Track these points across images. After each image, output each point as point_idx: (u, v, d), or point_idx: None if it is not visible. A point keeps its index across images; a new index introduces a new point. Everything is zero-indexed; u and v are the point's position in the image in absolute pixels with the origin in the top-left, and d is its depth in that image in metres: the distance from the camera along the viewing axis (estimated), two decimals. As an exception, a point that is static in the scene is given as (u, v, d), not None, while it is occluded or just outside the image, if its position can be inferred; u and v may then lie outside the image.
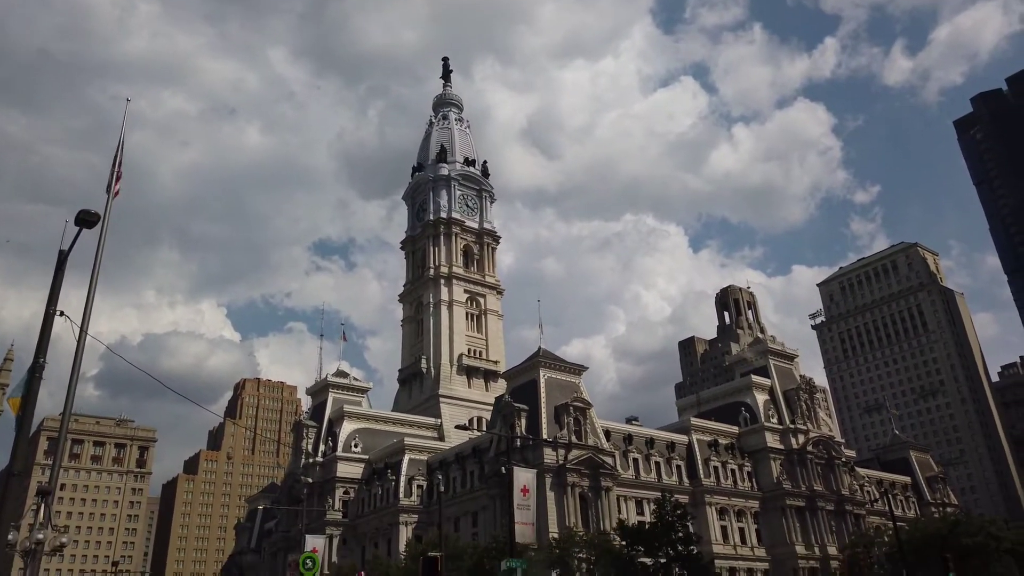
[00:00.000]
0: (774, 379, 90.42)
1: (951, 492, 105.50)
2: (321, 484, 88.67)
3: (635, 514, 69.94)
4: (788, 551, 78.86)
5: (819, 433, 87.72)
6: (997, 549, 50.36)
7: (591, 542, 53.79)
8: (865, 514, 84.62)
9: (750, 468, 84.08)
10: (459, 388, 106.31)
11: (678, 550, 50.37)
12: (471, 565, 48.72)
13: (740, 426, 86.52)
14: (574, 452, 70.84)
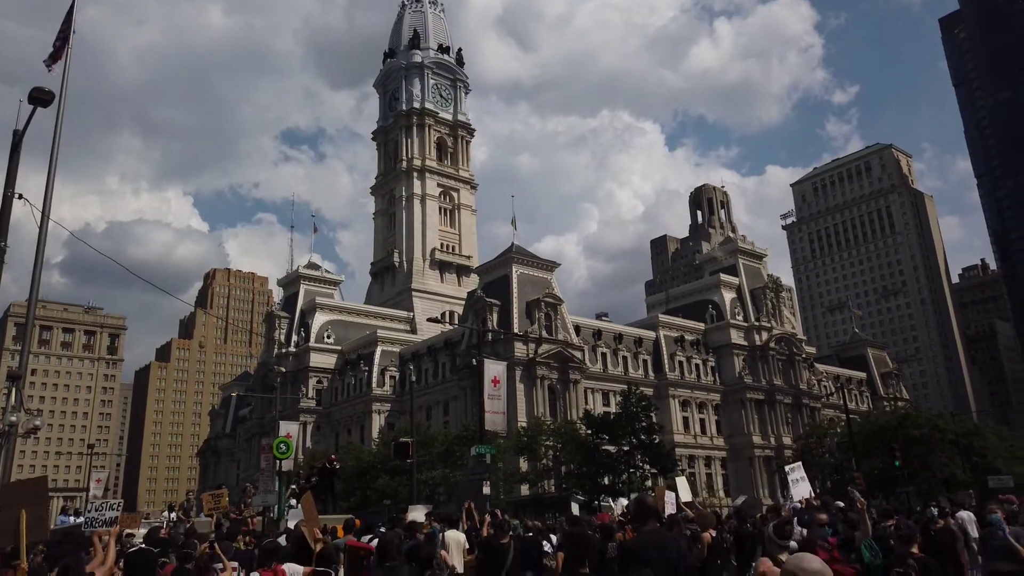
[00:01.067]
0: (742, 278, 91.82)
1: (903, 387, 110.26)
2: (294, 373, 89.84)
3: (601, 405, 72.22)
4: (745, 440, 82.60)
5: (782, 330, 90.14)
6: (942, 440, 53.05)
7: (558, 431, 55.61)
8: (821, 407, 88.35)
9: (714, 363, 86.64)
10: (431, 282, 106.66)
11: (641, 439, 52.30)
12: (442, 451, 50.27)
13: (706, 323, 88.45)
14: (544, 346, 72.19)
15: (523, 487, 54.78)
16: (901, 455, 45.18)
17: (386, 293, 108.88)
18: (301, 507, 11.72)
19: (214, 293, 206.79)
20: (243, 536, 13.38)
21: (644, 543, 5.96)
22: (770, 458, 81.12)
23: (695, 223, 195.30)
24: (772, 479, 77.96)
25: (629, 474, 50.90)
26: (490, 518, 13.18)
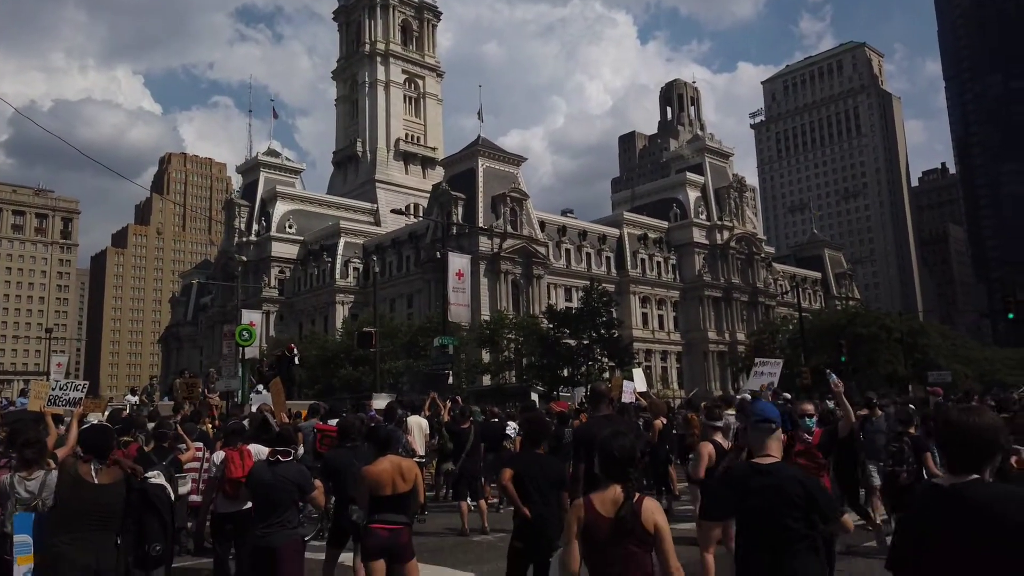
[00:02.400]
0: (707, 177, 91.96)
1: (856, 288, 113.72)
2: (256, 263, 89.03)
3: (564, 300, 73.37)
4: (701, 336, 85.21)
5: (743, 230, 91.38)
6: (887, 339, 55.29)
7: (521, 324, 56.59)
8: (775, 305, 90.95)
9: (675, 261, 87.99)
10: (396, 174, 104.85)
11: (600, 333, 53.56)
12: (405, 342, 50.97)
13: (670, 221, 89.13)
14: (509, 241, 72.32)
15: (485, 378, 56.17)
16: (848, 352, 47.11)
17: (349, 184, 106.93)
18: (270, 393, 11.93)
19: (170, 179, 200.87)
20: (208, 420, 13.61)
21: (594, 426, 6.23)
22: (723, 353, 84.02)
23: (664, 120, 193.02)
24: (724, 373, 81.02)
25: (588, 367, 52.39)
26: (450, 404, 13.59)
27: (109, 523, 4.68)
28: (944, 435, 2.76)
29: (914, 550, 2.66)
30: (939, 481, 2.69)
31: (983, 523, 2.41)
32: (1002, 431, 2.67)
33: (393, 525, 5.73)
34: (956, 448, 2.67)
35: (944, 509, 2.54)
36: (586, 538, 3.62)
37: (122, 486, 4.75)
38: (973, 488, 2.52)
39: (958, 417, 2.73)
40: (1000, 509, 2.39)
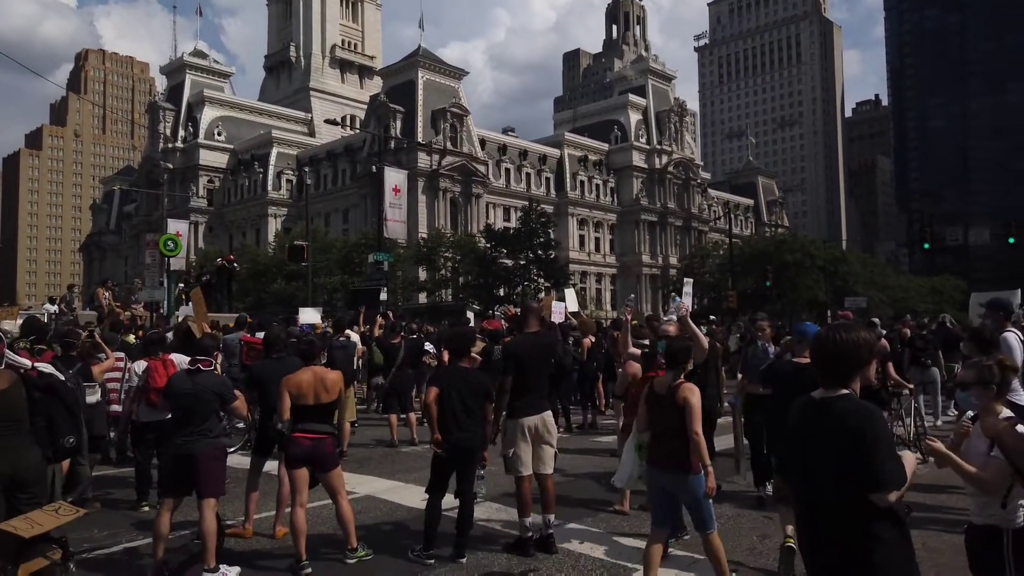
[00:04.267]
0: (650, 99, 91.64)
1: (786, 215, 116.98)
2: (183, 171, 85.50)
3: (502, 220, 73.25)
4: (635, 259, 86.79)
5: (681, 155, 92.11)
6: (811, 266, 57.49)
7: (458, 243, 56.41)
8: (708, 231, 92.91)
9: (614, 184, 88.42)
10: (331, 83, 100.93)
11: (538, 254, 53.96)
12: (340, 258, 50.25)
13: (611, 144, 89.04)
14: (448, 158, 71.19)
15: (421, 295, 56.20)
16: (773, 277, 48.87)
17: (282, 91, 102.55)
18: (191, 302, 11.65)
19: (88, 77, 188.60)
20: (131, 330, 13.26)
21: (522, 342, 6.36)
22: (656, 276, 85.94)
23: (609, 38, 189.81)
24: (656, 295, 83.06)
25: (524, 286, 52.94)
26: (382, 320, 13.59)
27: (16, 427, 4.55)
28: (816, 352, 2.96)
29: (791, 455, 2.97)
30: (814, 394, 2.90)
31: (836, 429, 2.69)
32: (867, 347, 2.85)
33: (316, 435, 5.78)
34: (826, 363, 2.87)
35: (814, 418, 2.82)
36: (647, 403, 5.22)
37: (20, 387, 4.61)
38: (839, 401, 2.76)
39: (828, 335, 2.91)
40: (849, 419, 2.68)
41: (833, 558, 2.70)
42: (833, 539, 2.70)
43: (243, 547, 6.31)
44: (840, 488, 2.61)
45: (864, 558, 2.61)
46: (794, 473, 2.98)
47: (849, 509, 2.60)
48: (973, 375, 3.73)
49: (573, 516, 7.05)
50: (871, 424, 2.63)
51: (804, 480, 2.84)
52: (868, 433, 2.60)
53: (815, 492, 2.76)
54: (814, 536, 2.82)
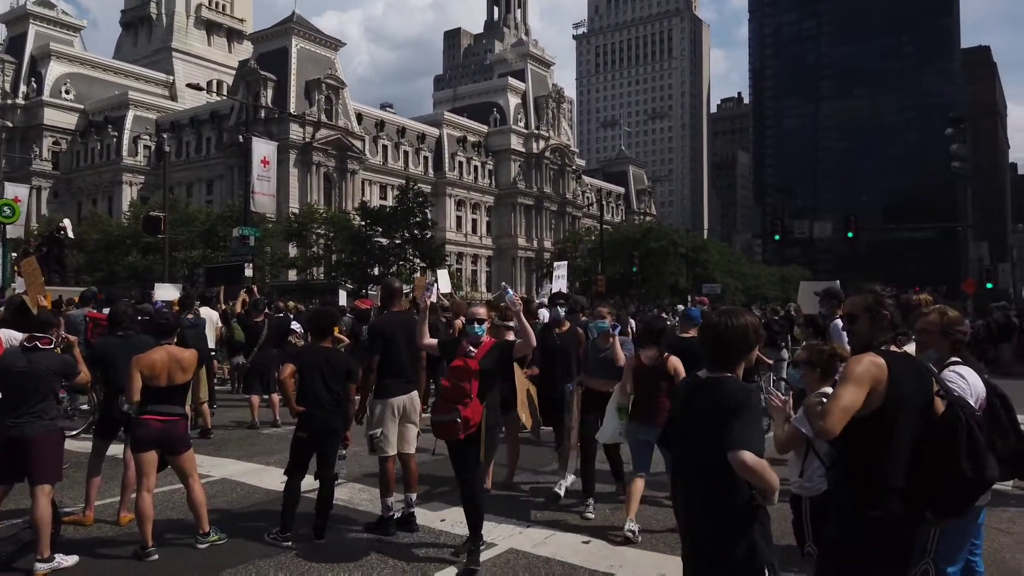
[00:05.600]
0: (529, 84, 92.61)
1: (653, 204, 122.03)
2: (24, 130, 78.09)
3: (378, 198, 71.97)
4: (511, 242, 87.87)
5: (558, 141, 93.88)
6: (674, 253, 60.48)
7: (332, 219, 54.93)
8: (581, 216, 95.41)
9: (491, 166, 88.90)
10: (196, 44, 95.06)
11: (414, 233, 53.47)
12: (203, 231, 47.67)
13: (490, 126, 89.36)
14: (323, 131, 68.99)
15: (291, 273, 54.37)
16: (639, 263, 50.97)
17: (140, 50, 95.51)
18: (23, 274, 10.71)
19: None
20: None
21: (388, 321, 6.32)
22: (531, 259, 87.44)
23: (491, 20, 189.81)
24: (530, 277, 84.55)
25: (399, 266, 52.36)
26: (247, 296, 13.07)
27: None
28: (704, 335, 3.19)
29: (675, 426, 3.24)
30: (700, 374, 3.14)
31: (718, 403, 2.95)
32: (755, 332, 3.10)
33: (167, 416, 5.52)
34: (716, 348, 3.09)
35: (700, 395, 3.06)
36: (635, 376, 6.09)
37: None
38: (723, 382, 3.01)
39: (718, 320, 3.14)
40: (729, 396, 2.95)
41: (704, 510, 2.97)
42: (705, 494, 2.97)
43: (83, 535, 5.94)
44: (716, 449, 2.86)
45: (729, 508, 2.90)
46: (676, 441, 3.21)
47: (721, 467, 2.85)
48: (803, 356, 4.10)
49: (436, 495, 7.12)
50: (746, 399, 2.92)
51: (685, 444, 3.09)
52: (742, 405, 2.88)
53: (694, 453, 3.02)
54: (690, 495, 3.07)
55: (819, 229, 46.83)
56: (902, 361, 3.17)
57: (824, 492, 3.67)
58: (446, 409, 5.09)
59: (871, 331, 3.26)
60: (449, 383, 5.20)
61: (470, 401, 5.03)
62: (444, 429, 5.10)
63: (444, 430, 5.11)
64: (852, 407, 2.99)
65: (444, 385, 5.27)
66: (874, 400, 3.03)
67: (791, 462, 4.02)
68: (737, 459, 2.75)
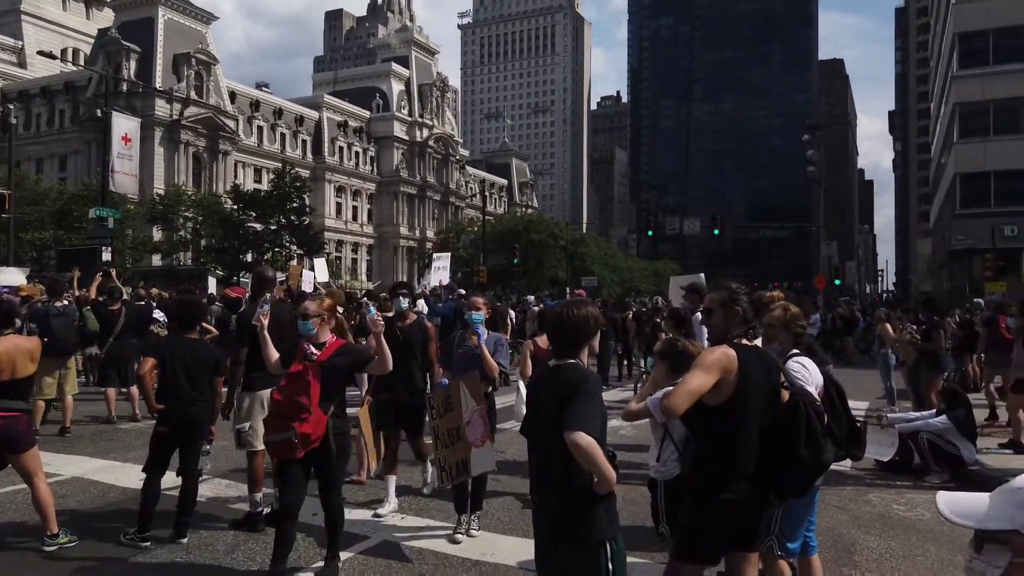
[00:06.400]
0: (413, 71, 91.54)
1: (535, 197, 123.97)
2: None
3: (252, 181, 69.02)
4: (393, 231, 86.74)
5: (442, 130, 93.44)
6: (555, 246, 61.80)
7: (201, 202, 52.17)
8: (464, 207, 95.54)
9: (374, 153, 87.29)
10: (49, 8, 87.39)
11: (291, 219, 51.74)
12: (55, 211, 44.01)
13: (372, 111, 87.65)
14: (192, 109, 65.33)
15: (155, 258, 51.26)
16: (520, 255, 51.69)
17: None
18: None
19: None
20: None
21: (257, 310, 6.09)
22: (412, 248, 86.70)
23: (374, 2, 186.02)
24: (412, 267, 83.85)
25: (275, 253, 50.53)
26: (102, 278, 12.20)
27: None
28: (549, 326, 3.46)
29: (528, 411, 3.38)
30: (549, 362, 3.32)
31: (561, 386, 3.11)
32: (594, 321, 3.29)
33: (8, 412, 5.09)
34: (558, 336, 3.30)
35: (548, 380, 3.23)
36: (534, 362, 6.14)
37: None
38: (566, 368, 3.19)
39: (559, 312, 3.33)
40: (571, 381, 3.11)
41: (551, 490, 3.12)
42: (552, 475, 3.11)
43: (-94, 544, 5.40)
44: (559, 432, 2.98)
45: (573, 487, 3.04)
46: (528, 426, 3.36)
47: (566, 449, 2.96)
48: (659, 347, 4.32)
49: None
50: (585, 383, 3.05)
51: (535, 429, 3.25)
52: (579, 389, 3.01)
53: (542, 436, 3.16)
54: (540, 477, 3.22)
55: (689, 226, 49.17)
56: (752, 353, 3.43)
57: (677, 476, 3.89)
58: (279, 427, 4.50)
59: (725, 325, 3.51)
60: (282, 396, 4.58)
61: (308, 415, 4.44)
62: (279, 449, 4.55)
63: (279, 450, 4.56)
64: (698, 391, 3.22)
65: (276, 399, 4.65)
66: (725, 390, 3.27)
67: (650, 447, 4.24)
68: (570, 439, 2.87)
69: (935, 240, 59.92)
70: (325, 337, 4.74)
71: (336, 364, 4.61)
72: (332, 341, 4.73)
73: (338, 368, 4.63)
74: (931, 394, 10.14)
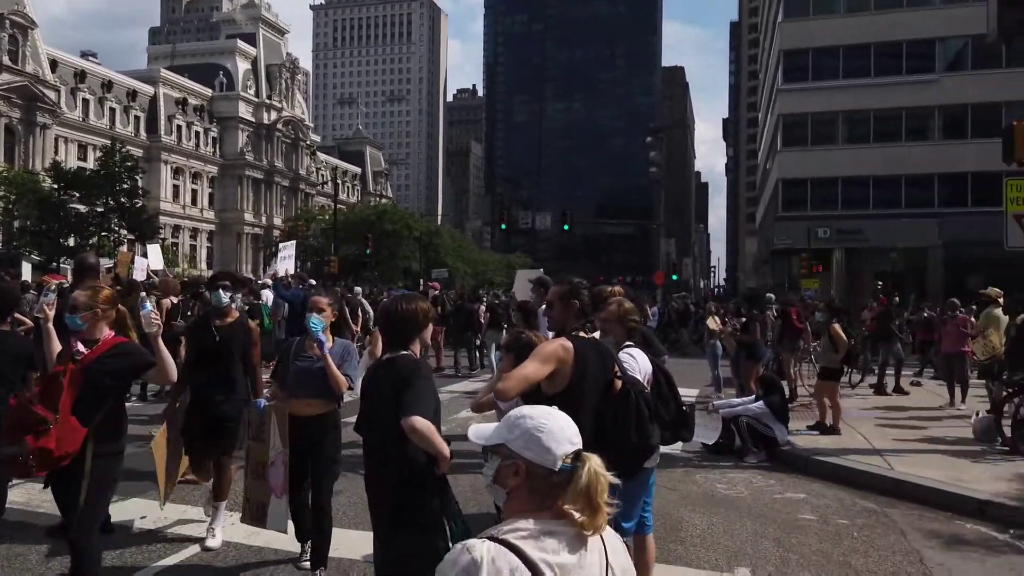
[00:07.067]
0: (260, 50, 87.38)
1: (390, 187, 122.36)
2: None
3: (77, 159, 63.20)
4: (237, 217, 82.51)
5: (292, 114, 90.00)
6: (409, 236, 61.43)
7: (14, 180, 47.11)
8: (315, 194, 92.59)
9: (216, 134, 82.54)
10: None
11: (121, 201, 47.95)
12: None
13: (215, 90, 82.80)
14: (6, 76, 58.76)
15: (-43, 239, 45.82)
16: (373, 245, 50.90)
17: None
18: None
19: None
20: None
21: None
22: (258, 236, 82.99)
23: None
24: (257, 255, 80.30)
25: (101, 238, 46.63)
26: None
27: None
28: (382, 320, 3.58)
29: (363, 405, 3.46)
30: (381, 357, 3.43)
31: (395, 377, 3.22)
32: (424, 315, 3.44)
33: None
34: (389, 330, 3.42)
35: (383, 373, 3.33)
36: None
37: None
38: (399, 359, 3.31)
39: (392, 305, 3.50)
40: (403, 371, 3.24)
41: (389, 478, 3.22)
42: (389, 463, 3.21)
43: None
44: (395, 421, 3.08)
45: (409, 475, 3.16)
46: (364, 419, 3.42)
47: (402, 437, 3.08)
48: (505, 340, 4.46)
49: (137, 489, 6.55)
50: (417, 371, 3.21)
51: (372, 420, 3.34)
52: (413, 376, 3.16)
53: (379, 427, 3.25)
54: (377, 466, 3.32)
55: (541, 221, 50.50)
56: (589, 345, 3.62)
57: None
58: (10, 439, 3.75)
59: (564, 317, 3.70)
60: (17, 402, 3.85)
61: (49, 426, 3.64)
62: (10, 467, 3.87)
63: (11, 468, 3.89)
64: (531, 377, 3.43)
65: (11, 404, 3.94)
66: (561, 380, 3.45)
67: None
68: (407, 424, 2.99)
69: (760, 239, 65.31)
70: (100, 334, 3.94)
71: (105, 367, 3.82)
72: (107, 339, 3.94)
73: (106, 372, 3.82)
74: (750, 381, 11.08)
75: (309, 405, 4.78)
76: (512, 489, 1.67)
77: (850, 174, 39.12)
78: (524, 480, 1.66)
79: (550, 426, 1.69)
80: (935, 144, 38.18)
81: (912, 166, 37.54)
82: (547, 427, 1.69)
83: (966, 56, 37.70)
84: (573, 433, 1.73)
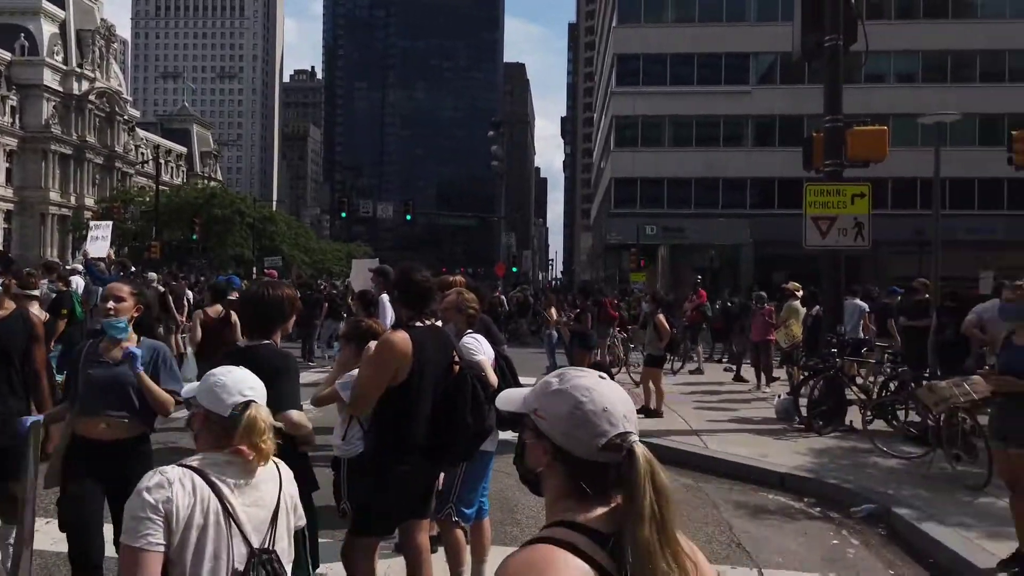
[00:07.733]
0: (70, 13, 79.21)
1: (220, 169, 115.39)
2: None
3: None
4: (41, 196, 74.54)
5: (107, 85, 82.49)
6: (241, 222, 58.33)
7: None
8: (134, 174, 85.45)
9: (16, 103, 73.91)
10: None
11: None
12: None
13: (15, 53, 74.03)
14: None
15: None
16: (201, 230, 47.85)
17: None
18: None
19: None
20: None
21: None
22: (66, 217, 75.42)
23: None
24: (64, 239, 73.07)
25: None
26: None
27: None
28: (245, 307, 3.46)
29: None
30: (239, 343, 3.43)
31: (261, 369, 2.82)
32: (290, 303, 3.34)
33: None
34: (254, 318, 3.31)
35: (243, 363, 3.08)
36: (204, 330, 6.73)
37: None
38: (260, 348, 3.22)
39: (254, 292, 3.39)
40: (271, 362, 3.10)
41: None
42: None
43: None
44: None
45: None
46: None
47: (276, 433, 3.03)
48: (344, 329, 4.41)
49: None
50: (285, 365, 3.18)
51: None
52: (283, 369, 3.12)
53: None
54: None
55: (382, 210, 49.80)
56: (427, 333, 3.66)
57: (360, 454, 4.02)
58: None
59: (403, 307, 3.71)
60: None
61: None
62: None
63: None
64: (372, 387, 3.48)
65: None
66: (400, 374, 3.49)
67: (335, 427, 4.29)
68: (287, 419, 2.94)
69: (595, 234, 68.39)
70: None
71: None
72: None
73: None
74: (583, 368, 11.61)
75: (109, 426, 3.54)
76: (197, 431, 2.09)
77: (675, 175, 41.90)
78: (204, 423, 2.07)
79: (226, 381, 2.09)
80: (748, 151, 41.73)
81: (729, 170, 40.83)
82: (223, 382, 2.08)
83: (775, 71, 41.43)
84: (247, 387, 2.10)
